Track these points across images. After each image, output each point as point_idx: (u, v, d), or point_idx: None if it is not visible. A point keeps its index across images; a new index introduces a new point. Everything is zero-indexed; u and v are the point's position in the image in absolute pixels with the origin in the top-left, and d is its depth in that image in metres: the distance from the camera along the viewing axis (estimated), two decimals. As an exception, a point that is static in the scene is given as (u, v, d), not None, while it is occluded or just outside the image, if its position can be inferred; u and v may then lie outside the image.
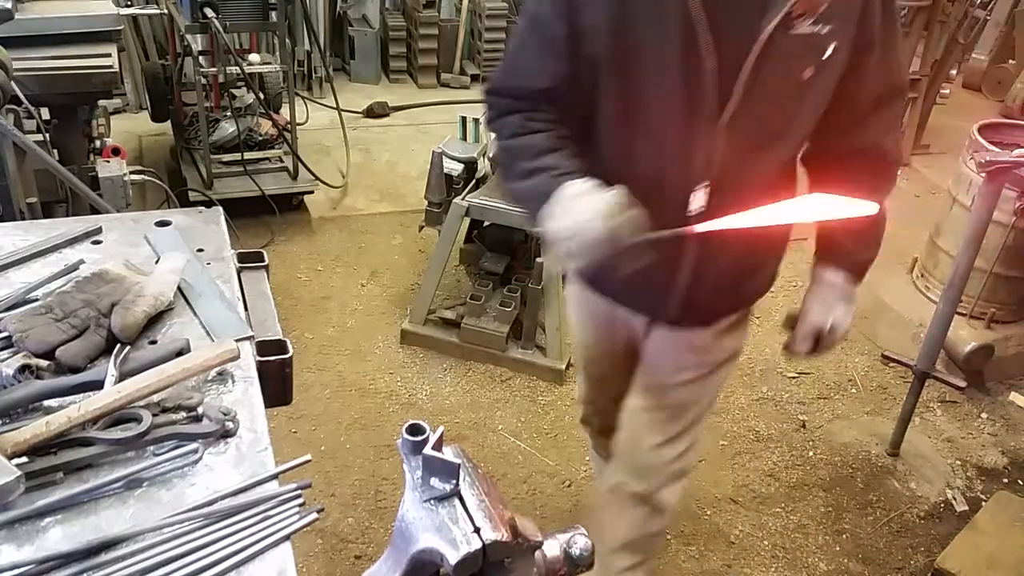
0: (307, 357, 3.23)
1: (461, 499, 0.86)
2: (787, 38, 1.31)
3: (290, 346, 1.34)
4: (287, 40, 4.17)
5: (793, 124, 1.48)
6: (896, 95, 1.57)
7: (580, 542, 0.90)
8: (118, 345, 1.25)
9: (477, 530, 0.83)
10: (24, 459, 1.05)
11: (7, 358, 1.21)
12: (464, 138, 3.47)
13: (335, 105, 4.69)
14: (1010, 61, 6.29)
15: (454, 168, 3.35)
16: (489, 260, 3.48)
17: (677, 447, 1.81)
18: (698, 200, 1.46)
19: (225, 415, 1.14)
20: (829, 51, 1.36)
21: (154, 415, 1.12)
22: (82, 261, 1.46)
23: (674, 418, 1.79)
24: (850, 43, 1.38)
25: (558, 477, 2.81)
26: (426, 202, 3.41)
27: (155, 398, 1.16)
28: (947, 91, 6.03)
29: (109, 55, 2.59)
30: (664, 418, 1.79)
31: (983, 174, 2.60)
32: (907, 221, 4.62)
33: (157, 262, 1.45)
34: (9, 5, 2.16)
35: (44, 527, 1.00)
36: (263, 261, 1.57)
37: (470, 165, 3.39)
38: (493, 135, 1.55)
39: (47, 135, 2.39)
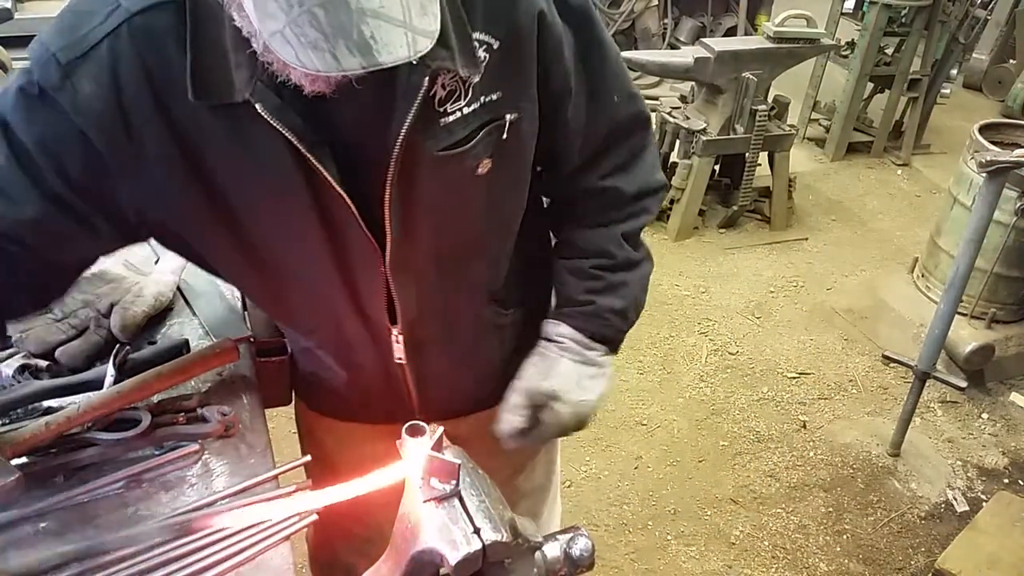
0: (307, 357, 3.22)
1: (461, 499, 0.86)
2: (439, 135, 0.97)
3: (289, 346, 1.34)
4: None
5: (489, 227, 1.13)
6: (625, 134, 1.20)
7: (580, 543, 0.90)
8: (118, 345, 1.25)
9: (477, 531, 0.83)
10: (24, 459, 1.05)
11: (7, 358, 1.21)
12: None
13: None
14: (1010, 61, 6.29)
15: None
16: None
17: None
18: (398, 350, 1.17)
19: (224, 415, 1.14)
20: (507, 127, 1.02)
21: (154, 415, 1.12)
22: (82, 261, 1.46)
23: (537, 504, 1.61)
24: (534, 103, 1.05)
25: (558, 477, 2.81)
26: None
27: (155, 398, 1.16)
28: (948, 91, 6.03)
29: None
30: (529, 507, 1.58)
31: (984, 174, 2.60)
32: (908, 221, 4.63)
33: (157, 262, 1.45)
34: (9, 5, 2.16)
35: (44, 527, 1.00)
36: (263, 261, 1.57)
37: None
38: None
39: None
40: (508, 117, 1.02)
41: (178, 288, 1.40)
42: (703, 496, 2.83)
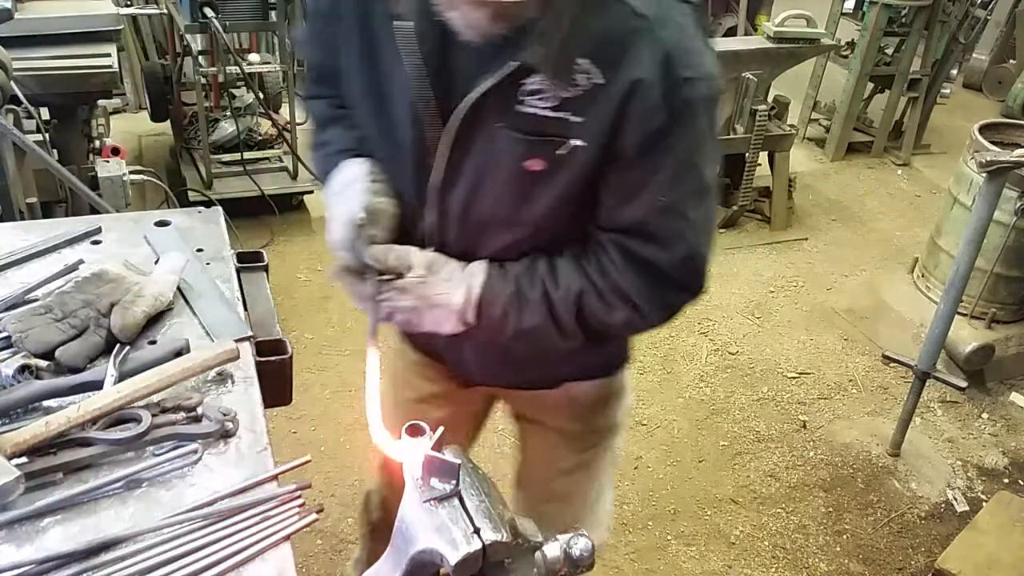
0: (307, 357, 3.23)
1: (461, 499, 0.86)
2: (512, 115, 1.08)
3: (289, 346, 1.34)
4: (287, 40, 4.16)
5: (529, 216, 1.17)
6: (651, 240, 1.15)
7: (580, 543, 0.90)
8: (118, 345, 1.25)
9: (477, 530, 0.83)
10: (24, 459, 1.05)
11: (7, 358, 1.21)
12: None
13: (335, 105, 4.68)
14: (1010, 61, 6.29)
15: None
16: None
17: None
18: None
19: (224, 415, 1.14)
20: (567, 147, 1.08)
21: (154, 415, 1.12)
22: (81, 261, 1.46)
23: (560, 512, 1.62)
24: (600, 146, 1.09)
25: (558, 477, 2.81)
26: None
27: (155, 398, 1.16)
28: (948, 91, 6.03)
29: (109, 55, 2.59)
30: (549, 512, 1.61)
31: (984, 174, 2.60)
32: (908, 221, 4.64)
33: (157, 262, 1.45)
34: (9, 5, 2.16)
35: (44, 527, 1.00)
36: (263, 261, 1.57)
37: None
38: None
39: (47, 135, 2.39)
40: (574, 142, 1.08)
41: (178, 288, 1.40)
42: (703, 496, 2.83)
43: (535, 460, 1.66)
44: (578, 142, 1.08)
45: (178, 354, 1.23)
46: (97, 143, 2.79)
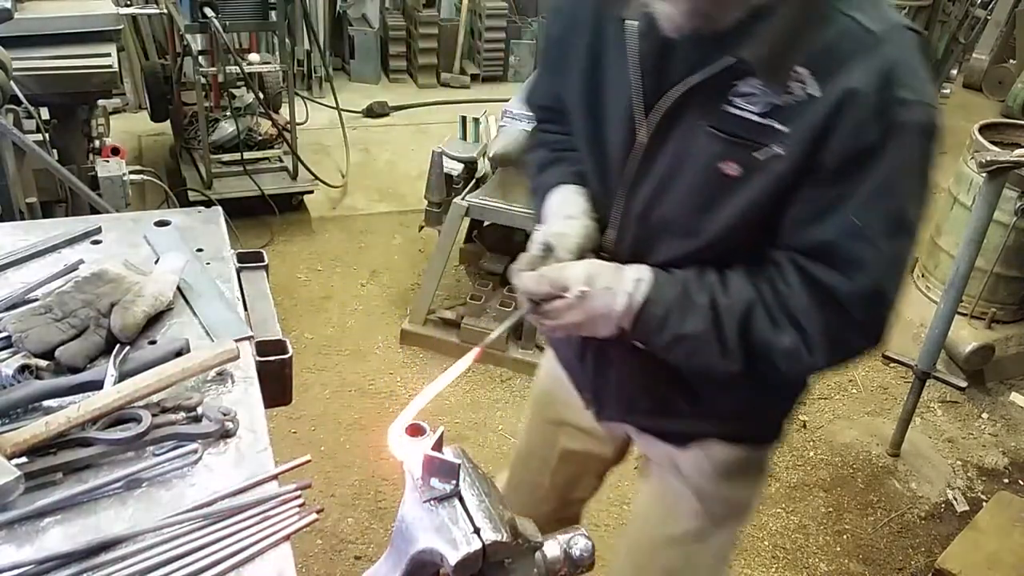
0: (307, 357, 3.23)
1: (461, 499, 0.86)
2: (717, 114, 1.06)
3: (290, 346, 1.34)
4: (287, 40, 4.16)
5: (711, 225, 1.13)
6: (837, 264, 1.07)
7: (580, 543, 0.90)
8: (118, 345, 1.25)
9: (477, 530, 0.83)
10: (24, 459, 1.05)
11: (7, 358, 1.21)
12: (464, 138, 3.47)
13: (335, 105, 4.69)
14: (1010, 61, 6.29)
15: (454, 168, 3.35)
16: (489, 260, 3.48)
17: None
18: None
19: (225, 415, 1.14)
20: (765, 153, 1.04)
21: (153, 415, 1.12)
22: (81, 261, 1.46)
23: None
24: (799, 160, 1.04)
25: (558, 477, 2.81)
26: (426, 202, 3.41)
27: (155, 398, 1.16)
28: (948, 91, 6.03)
29: (109, 55, 2.59)
30: None
31: (984, 174, 2.60)
32: (907, 221, 4.63)
33: (157, 262, 1.45)
34: (9, 5, 2.15)
35: (44, 527, 1.00)
36: (263, 261, 1.57)
37: (470, 165, 3.39)
38: None
39: (47, 135, 2.39)
40: (775, 148, 1.04)
41: (178, 288, 1.40)
42: (703, 496, 2.83)
43: (648, 514, 1.54)
44: (778, 149, 1.04)
45: (178, 354, 1.23)
46: (97, 143, 2.79)
